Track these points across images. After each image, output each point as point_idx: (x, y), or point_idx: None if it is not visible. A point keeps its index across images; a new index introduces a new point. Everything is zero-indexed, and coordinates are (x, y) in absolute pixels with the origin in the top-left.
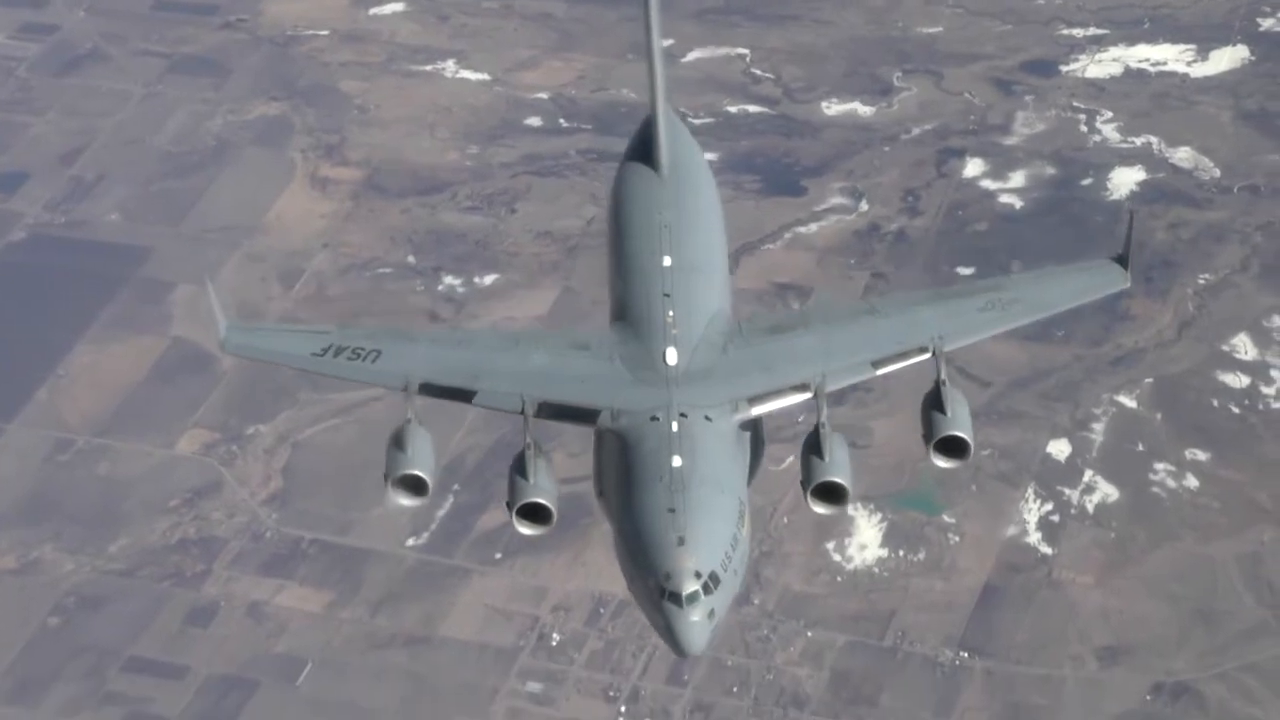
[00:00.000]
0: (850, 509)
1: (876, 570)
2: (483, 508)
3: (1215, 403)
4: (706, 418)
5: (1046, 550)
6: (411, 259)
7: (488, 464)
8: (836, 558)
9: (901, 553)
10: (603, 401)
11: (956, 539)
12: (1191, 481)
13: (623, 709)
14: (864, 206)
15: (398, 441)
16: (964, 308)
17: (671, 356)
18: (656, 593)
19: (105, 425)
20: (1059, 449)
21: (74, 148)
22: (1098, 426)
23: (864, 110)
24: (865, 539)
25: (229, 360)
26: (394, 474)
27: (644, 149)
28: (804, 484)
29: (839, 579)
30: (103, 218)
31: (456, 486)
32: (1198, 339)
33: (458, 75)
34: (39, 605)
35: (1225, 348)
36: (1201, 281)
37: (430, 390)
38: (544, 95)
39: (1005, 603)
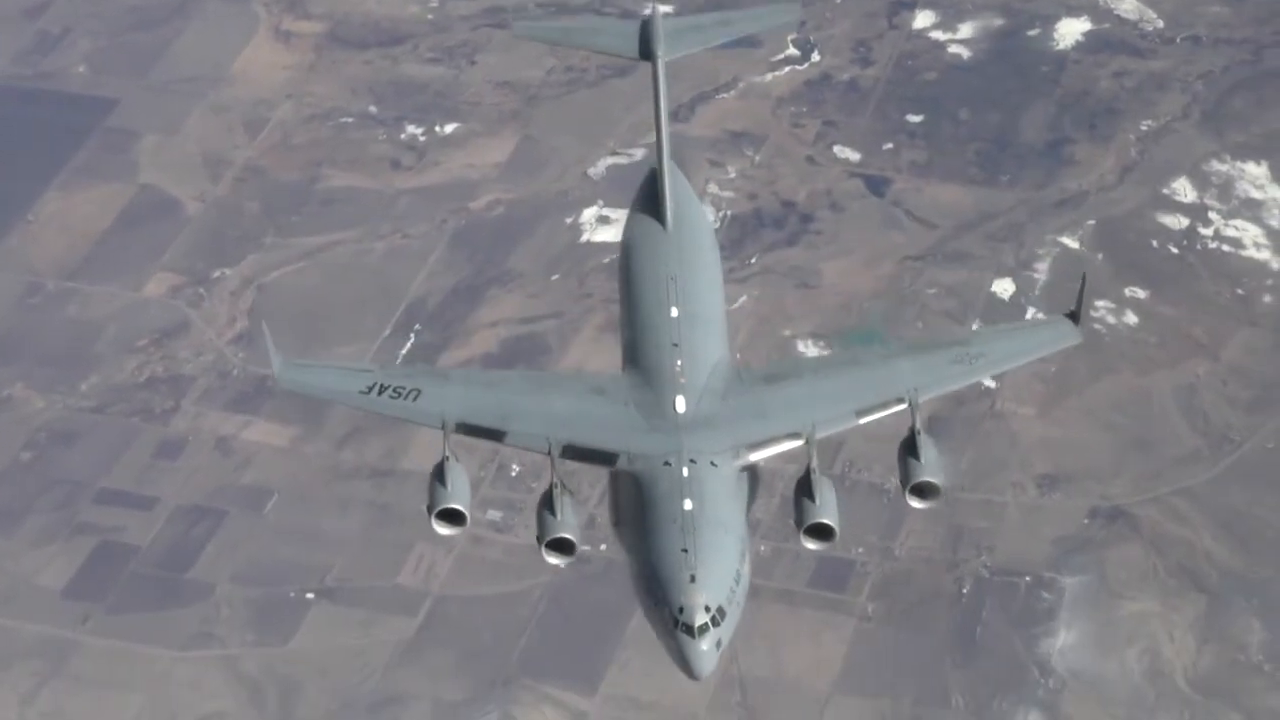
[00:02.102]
0: (802, 346)
1: None
2: (443, 347)
3: (1155, 243)
4: (712, 463)
5: (990, 384)
6: (373, 109)
7: (448, 305)
8: None
9: None
10: (620, 446)
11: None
12: (1131, 318)
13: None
14: (816, 57)
15: (439, 477)
16: (936, 361)
17: (680, 405)
18: (670, 623)
19: (74, 269)
20: (1003, 288)
21: (40, 2)
22: (1041, 266)
23: None
24: None
25: (194, 206)
26: (436, 507)
27: (650, 202)
28: (797, 524)
29: None
30: (70, 70)
31: (418, 327)
32: (1139, 182)
33: None
34: (11, 441)
35: (1165, 191)
36: (1143, 128)
37: (466, 429)
38: None
39: (950, 433)
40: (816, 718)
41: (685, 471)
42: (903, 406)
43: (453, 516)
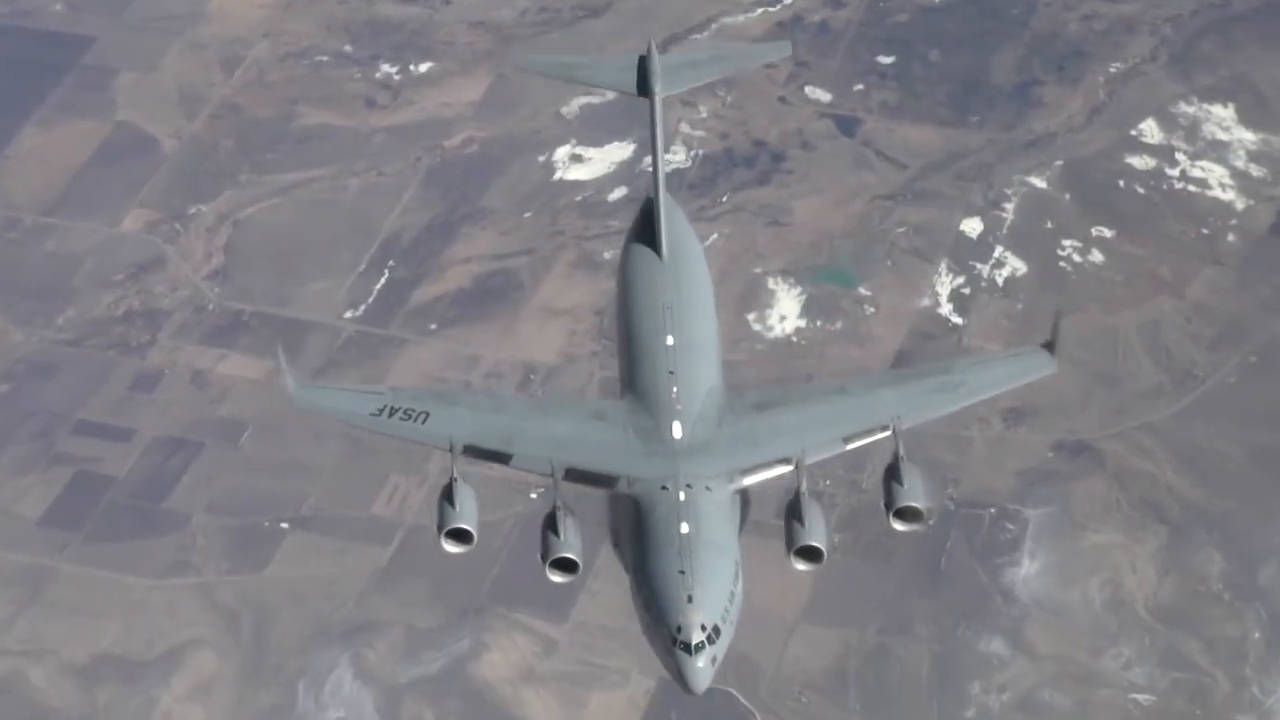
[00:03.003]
0: (772, 284)
1: (795, 339)
2: (417, 283)
3: (1122, 184)
4: (708, 488)
5: (957, 320)
6: (348, 48)
7: (422, 241)
8: (758, 327)
9: (819, 323)
10: (619, 470)
11: (872, 310)
12: (1097, 256)
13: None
14: None
15: (447, 497)
16: (919, 389)
17: (677, 430)
18: (669, 641)
19: (52, 205)
20: (971, 226)
21: None
22: (1009, 206)
23: None
24: (785, 310)
25: (171, 143)
26: (445, 527)
27: (646, 232)
28: (787, 546)
29: (759, 347)
30: (47, 8)
31: (392, 263)
32: (1107, 124)
33: None
34: None
35: (1133, 132)
36: (1112, 70)
37: (472, 451)
38: None
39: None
40: (783, 646)
41: (682, 496)
42: (887, 434)
43: (461, 536)
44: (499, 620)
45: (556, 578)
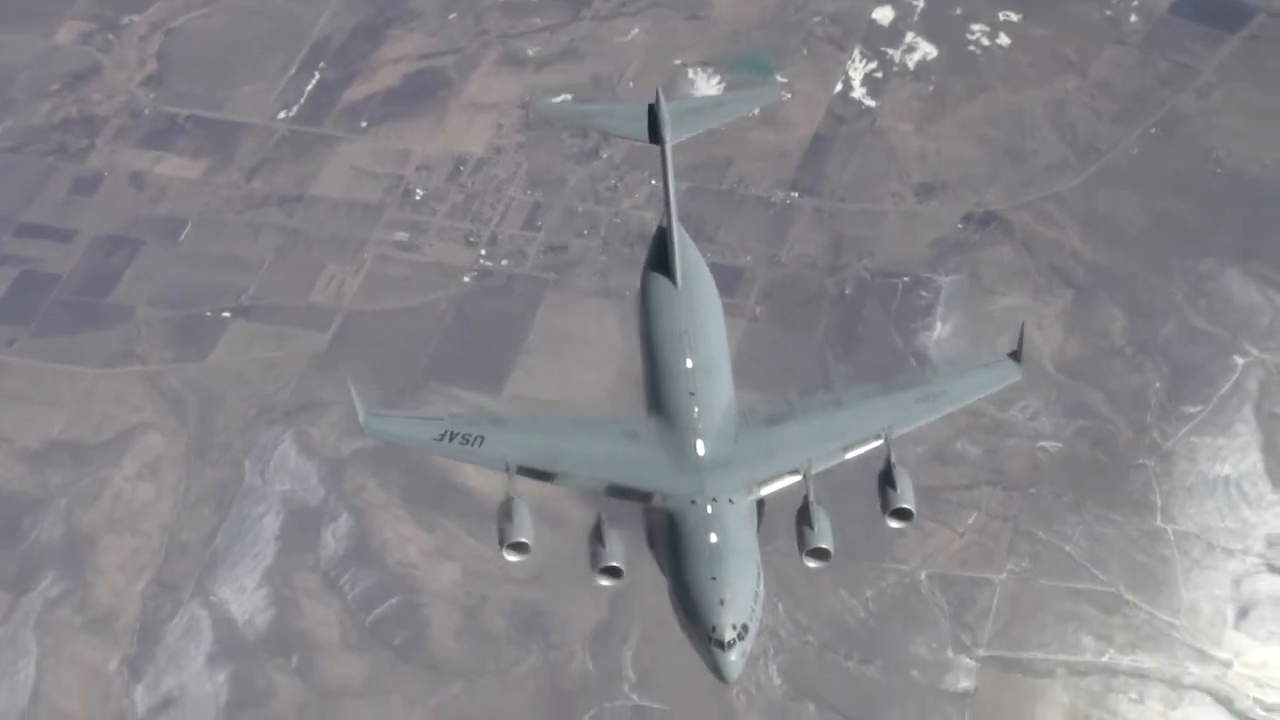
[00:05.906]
0: (692, 74)
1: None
2: (347, 83)
3: None
4: (730, 500)
5: (870, 103)
6: None
7: (351, 44)
8: None
9: None
10: (653, 487)
11: (788, 96)
12: (1004, 39)
13: (483, 251)
14: None
15: (505, 514)
16: (905, 400)
17: (700, 448)
18: (705, 639)
19: None
20: (883, 15)
21: None
22: None
23: None
24: None
25: None
26: (505, 541)
27: (662, 261)
28: (800, 547)
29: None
30: None
31: (322, 64)
32: None
33: None
34: None
35: None
36: None
37: (524, 471)
38: None
39: (832, 150)
40: None
41: (709, 509)
42: (880, 442)
43: (520, 548)
44: (436, 395)
45: (605, 581)
